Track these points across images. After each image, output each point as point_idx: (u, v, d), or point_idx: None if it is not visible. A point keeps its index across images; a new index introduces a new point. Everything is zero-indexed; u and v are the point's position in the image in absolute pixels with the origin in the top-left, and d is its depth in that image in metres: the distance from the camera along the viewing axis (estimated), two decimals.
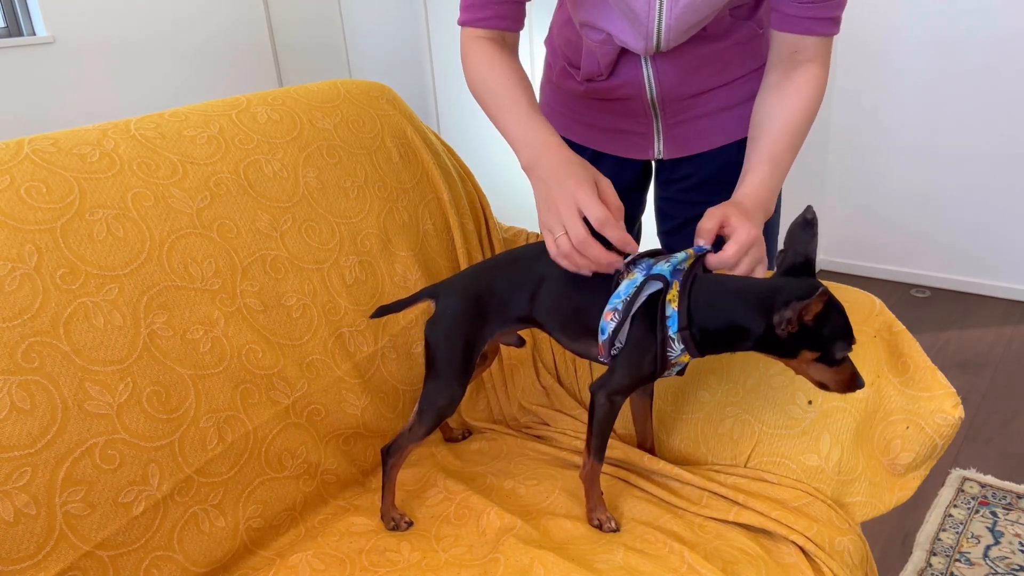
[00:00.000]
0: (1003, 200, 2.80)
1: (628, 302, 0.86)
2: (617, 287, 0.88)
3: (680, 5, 0.99)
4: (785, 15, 0.99)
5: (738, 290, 0.84)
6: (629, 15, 1.02)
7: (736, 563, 0.86)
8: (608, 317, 0.87)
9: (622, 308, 0.86)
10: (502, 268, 0.99)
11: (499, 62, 1.03)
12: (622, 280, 0.88)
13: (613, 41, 1.09)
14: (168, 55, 2.87)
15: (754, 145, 1.02)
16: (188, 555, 0.89)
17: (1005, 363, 2.45)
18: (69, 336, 0.84)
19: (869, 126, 2.98)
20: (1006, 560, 1.64)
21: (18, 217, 0.85)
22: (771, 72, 1.04)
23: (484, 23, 1.04)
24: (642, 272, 0.87)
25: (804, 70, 1.01)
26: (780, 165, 1.00)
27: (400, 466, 0.98)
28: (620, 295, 0.87)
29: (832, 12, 0.98)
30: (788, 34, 1.00)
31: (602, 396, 0.90)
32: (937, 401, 0.94)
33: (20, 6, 2.54)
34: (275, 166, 1.09)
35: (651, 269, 0.87)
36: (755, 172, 0.99)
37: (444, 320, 0.96)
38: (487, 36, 1.05)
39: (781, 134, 1.00)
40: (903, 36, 2.81)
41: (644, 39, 1.04)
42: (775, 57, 1.04)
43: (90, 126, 0.99)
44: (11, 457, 0.77)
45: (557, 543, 0.90)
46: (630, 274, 0.88)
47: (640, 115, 1.19)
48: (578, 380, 1.21)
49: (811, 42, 1.00)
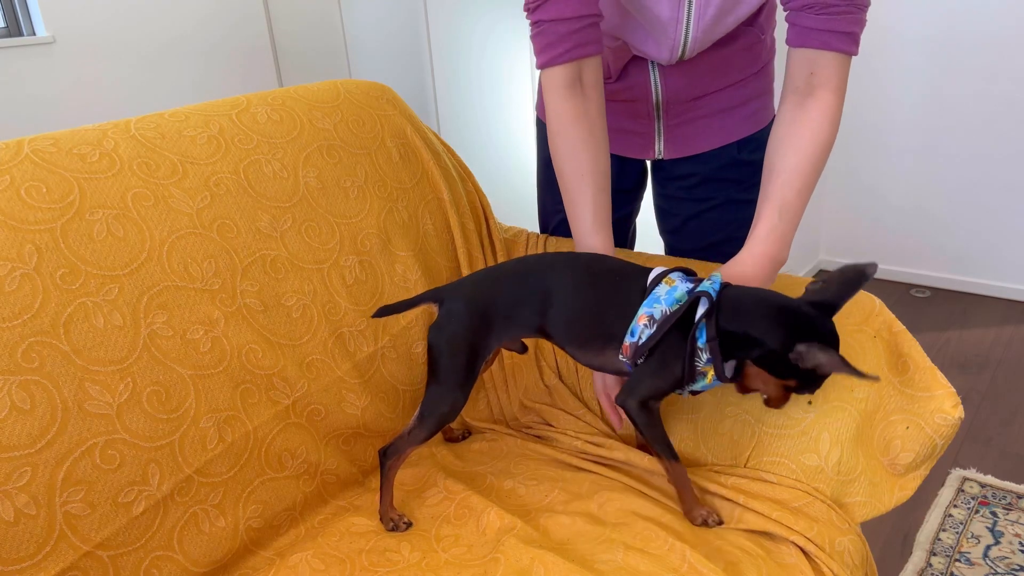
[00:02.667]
0: (1003, 200, 2.80)
1: (671, 313, 0.86)
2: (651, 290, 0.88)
3: (708, 16, 0.99)
4: (802, 29, 0.95)
5: (765, 305, 0.86)
6: (655, 27, 1.02)
7: (737, 563, 0.86)
8: (642, 321, 0.87)
9: (659, 317, 0.86)
10: (509, 280, 0.98)
11: (574, 141, 1.01)
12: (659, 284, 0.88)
13: (628, 48, 1.09)
14: (168, 55, 2.87)
15: (765, 190, 0.99)
16: (188, 555, 0.89)
17: (1005, 363, 2.45)
18: (69, 336, 0.84)
19: (869, 126, 2.98)
20: (1006, 560, 1.64)
21: (18, 217, 0.85)
22: (785, 101, 1.00)
23: (565, 57, 0.98)
24: (683, 280, 0.88)
25: (818, 99, 0.97)
26: (791, 212, 0.96)
27: (398, 468, 0.98)
28: (660, 301, 0.87)
29: (850, 27, 0.94)
30: (804, 50, 0.96)
31: (634, 404, 0.91)
32: (937, 401, 0.94)
33: (20, 6, 2.54)
34: (275, 166, 1.09)
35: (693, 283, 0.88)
36: (763, 223, 0.97)
37: (448, 326, 0.95)
38: (566, 83, 0.99)
39: (792, 178, 0.96)
40: (903, 36, 2.81)
41: (670, 50, 1.05)
42: (790, 83, 0.99)
43: (90, 126, 0.99)
44: (11, 457, 0.77)
45: (557, 543, 0.90)
46: (669, 280, 0.88)
47: (642, 116, 1.19)
48: (579, 380, 1.21)
49: (828, 60, 0.95)
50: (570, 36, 0.97)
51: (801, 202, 0.97)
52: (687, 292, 0.88)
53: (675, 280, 0.89)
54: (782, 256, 0.97)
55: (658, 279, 0.90)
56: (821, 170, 0.98)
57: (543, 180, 1.36)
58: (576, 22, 0.97)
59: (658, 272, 0.91)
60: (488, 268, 1.01)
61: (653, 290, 0.89)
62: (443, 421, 0.97)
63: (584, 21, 0.97)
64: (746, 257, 0.96)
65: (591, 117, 1.02)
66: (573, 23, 0.96)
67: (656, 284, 0.89)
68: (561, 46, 0.98)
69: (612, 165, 1.23)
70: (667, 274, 0.90)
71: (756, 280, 0.94)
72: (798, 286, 1.12)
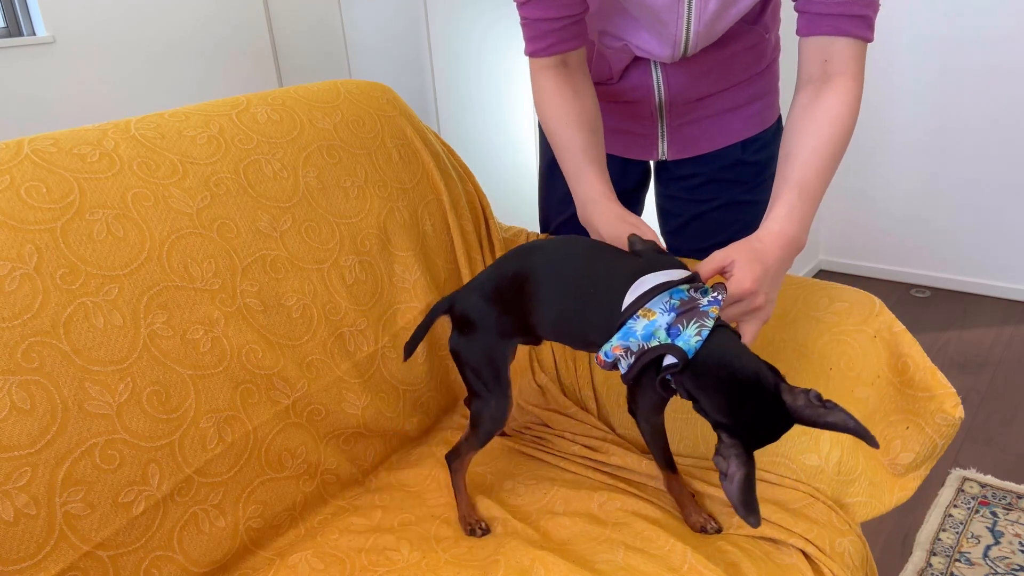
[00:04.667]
0: (1003, 200, 2.80)
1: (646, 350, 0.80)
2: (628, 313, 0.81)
3: (709, 12, 0.99)
4: (812, 16, 0.92)
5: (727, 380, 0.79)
6: (656, 25, 1.02)
7: (737, 563, 0.86)
8: (616, 351, 0.82)
9: (636, 351, 0.81)
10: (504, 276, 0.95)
11: (559, 101, 1.03)
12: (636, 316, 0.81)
13: (629, 49, 1.09)
14: (168, 55, 2.87)
15: (782, 172, 0.93)
16: (188, 555, 0.89)
17: (1005, 363, 2.45)
18: (69, 336, 0.84)
19: (869, 126, 2.98)
20: (1006, 560, 1.64)
21: (18, 217, 0.85)
22: (801, 91, 0.96)
23: (548, 51, 1.02)
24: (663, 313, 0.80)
25: (835, 84, 0.92)
26: (810, 193, 0.91)
27: (464, 471, 0.98)
28: (636, 335, 0.80)
29: (863, 10, 0.90)
30: (817, 39, 0.93)
31: (641, 421, 0.92)
32: (937, 401, 0.94)
33: (20, 6, 2.54)
34: (275, 166, 1.09)
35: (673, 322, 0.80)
36: (781, 203, 0.91)
37: (461, 333, 0.95)
38: (550, 65, 1.04)
39: (811, 159, 0.91)
40: (903, 36, 2.81)
41: (671, 47, 1.04)
42: (804, 74, 0.96)
43: (90, 126, 0.99)
44: (11, 457, 0.77)
45: (557, 543, 0.90)
46: (648, 314, 0.80)
47: (645, 117, 1.19)
48: (578, 379, 1.21)
49: (842, 46, 0.91)
50: (553, 33, 1.01)
51: (821, 184, 0.92)
52: (666, 327, 0.80)
53: (655, 313, 0.80)
54: (801, 239, 0.91)
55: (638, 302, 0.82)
56: (841, 155, 0.93)
57: (545, 182, 1.36)
58: (558, 22, 1.00)
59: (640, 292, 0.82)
60: (491, 265, 1.01)
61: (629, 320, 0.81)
62: (492, 428, 0.96)
63: (566, 20, 1.00)
64: (764, 235, 0.89)
65: (576, 84, 1.05)
66: (555, 23, 1.00)
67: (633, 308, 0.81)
68: (545, 41, 1.02)
69: (614, 166, 1.23)
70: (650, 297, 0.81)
71: (771, 256, 0.88)
72: (798, 286, 1.12)
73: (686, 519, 0.94)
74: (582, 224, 1.02)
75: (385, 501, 1.03)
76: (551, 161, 1.33)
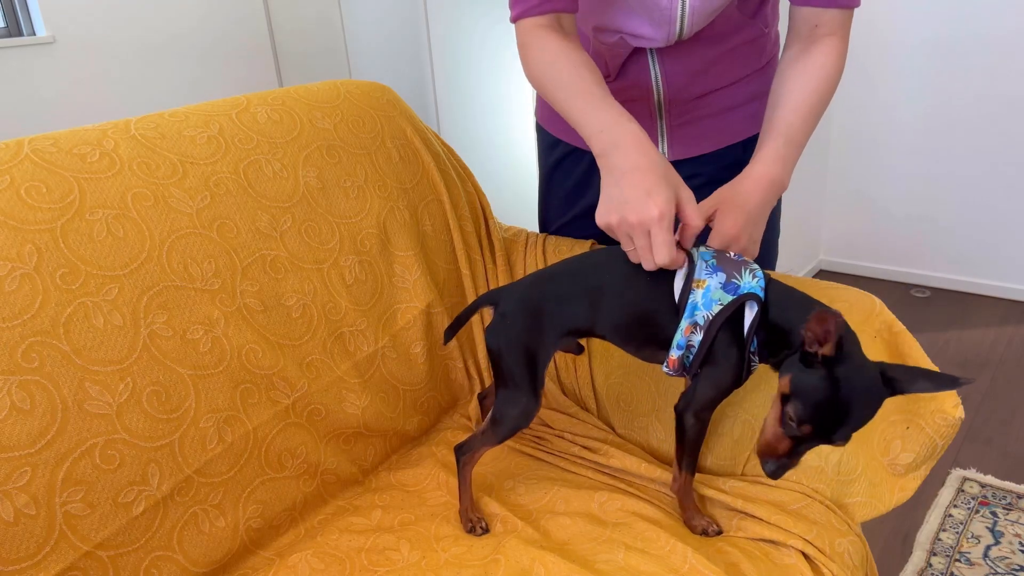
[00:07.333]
0: (1003, 200, 2.80)
1: (713, 318, 0.83)
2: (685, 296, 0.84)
3: None
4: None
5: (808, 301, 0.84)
6: (649, 6, 1.02)
7: (738, 564, 0.86)
8: (687, 332, 0.84)
9: (703, 324, 0.83)
10: (560, 278, 0.94)
11: (564, 49, 0.98)
12: (692, 290, 0.84)
13: (625, 42, 1.08)
14: (168, 55, 2.87)
15: (770, 118, 1.00)
16: (188, 555, 0.89)
17: (1005, 363, 2.45)
18: (69, 336, 0.84)
19: (869, 126, 2.98)
20: (1006, 560, 1.64)
21: (18, 217, 0.85)
22: (790, 47, 1.03)
23: (539, 9, 0.98)
24: (711, 275, 0.83)
25: (823, 43, 1.00)
26: (795, 138, 0.97)
27: (473, 466, 0.96)
28: (699, 308, 0.83)
29: None
30: (811, 8, 0.99)
31: (690, 416, 0.90)
32: (937, 401, 0.94)
33: (20, 6, 2.54)
34: (275, 166, 1.09)
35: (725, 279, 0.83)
36: (769, 145, 0.97)
37: (501, 328, 0.92)
38: (544, 24, 1.00)
39: (798, 107, 0.98)
40: (903, 36, 2.81)
41: (667, 25, 1.04)
42: (794, 33, 1.03)
43: (90, 126, 0.99)
44: (11, 457, 0.77)
45: (557, 543, 0.90)
46: (699, 284, 0.83)
47: (644, 117, 1.18)
48: (578, 379, 1.21)
49: (833, 14, 0.99)
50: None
51: (806, 129, 0.98)
52: (721, 286, 0.83)
53: (705, 280, 0.84)
54: (783, 180, 0.96)
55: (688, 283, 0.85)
56: (827, 104, 1.00)
57: (545, 185, 1.36)
58: None
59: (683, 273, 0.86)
60: (541, 269, 0.99)
61: (688, 298, 0.84)
62: (516, 426, 0.93)
63: None
64: (745, 180, 0.95)
65: (574, 44, 1.00)
66: None
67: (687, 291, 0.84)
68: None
69: None
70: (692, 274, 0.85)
71: (752, 199, 0.92)
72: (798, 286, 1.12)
73: (687, 522, 0.94)
74: (596, 157, 0.95)
75: (385, 501, 1.03)
76: (552, 163, 1.32)
